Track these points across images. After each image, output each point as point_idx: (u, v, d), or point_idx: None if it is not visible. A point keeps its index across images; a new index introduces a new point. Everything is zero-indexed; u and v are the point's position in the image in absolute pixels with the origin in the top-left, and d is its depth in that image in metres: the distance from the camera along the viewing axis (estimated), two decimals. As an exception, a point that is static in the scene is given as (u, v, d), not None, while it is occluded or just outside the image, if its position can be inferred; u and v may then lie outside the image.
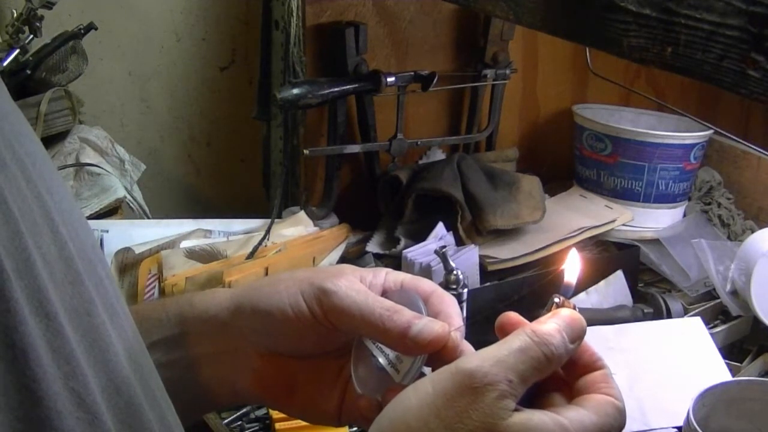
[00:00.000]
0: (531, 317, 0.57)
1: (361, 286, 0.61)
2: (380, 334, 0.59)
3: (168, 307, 0.66)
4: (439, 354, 0.58)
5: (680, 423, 0.96)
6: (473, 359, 0.52)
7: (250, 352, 0.64)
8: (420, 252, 1.22)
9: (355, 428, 0.97)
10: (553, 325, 0.55)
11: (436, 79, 1.34)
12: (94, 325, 0.43)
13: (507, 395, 0.50)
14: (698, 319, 1.19)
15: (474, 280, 1.23)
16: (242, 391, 0.64)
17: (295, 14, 1.33)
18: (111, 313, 0.45)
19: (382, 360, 0.60)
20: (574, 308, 0.57)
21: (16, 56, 1.29)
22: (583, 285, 1.29)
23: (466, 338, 1.09)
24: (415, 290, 0.62)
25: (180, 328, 0.64)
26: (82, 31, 1.31)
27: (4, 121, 0.43)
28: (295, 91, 1.25)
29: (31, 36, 1.30)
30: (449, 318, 0.60)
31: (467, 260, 1.23)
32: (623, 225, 1.41)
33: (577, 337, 0.55)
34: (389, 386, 0.58)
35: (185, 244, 1.23)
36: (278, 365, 0.64)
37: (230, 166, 1.60)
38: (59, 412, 0.38)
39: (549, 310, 0.57)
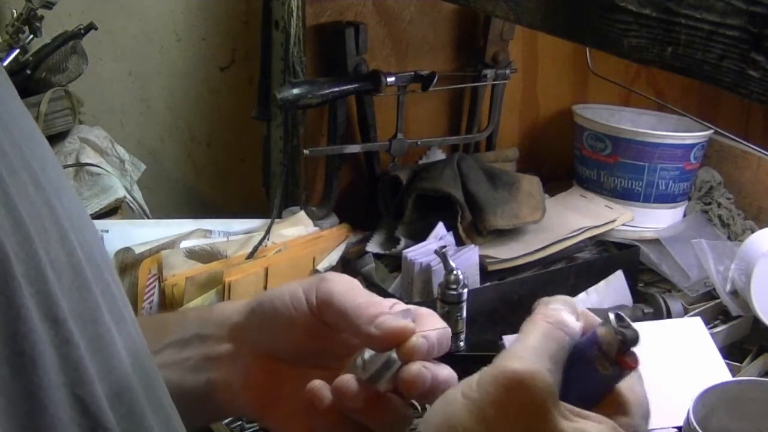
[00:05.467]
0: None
1: (357, 283, 0.62)
2: (354, 319, 0.59)
3: (188, 312, 0.67)
4: (399, 354, 0.57)
5: (680, 423, 0.96)
6: (512, 359, 0.49)
7: (247, 353, 0.64)
8: (420, 252, 1.22)
9: None
10: (557, 305, 0.53)
11: (436, 79, 1.34)
12: (99, 332, 0.43)
13: (552, 394, 0.48)
14: (698, 319, 1.19)
15: (474, 280, 1.23)
16: (233, 393, 0.64)
17: (295, 14, 1.33)
18: (117, 319, 0.45)
19: (358, 360, 0.59)
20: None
21: (16, 56, 1.29)
22: (583, 285, 1.29)
23: (467, 338, 1.09)
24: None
25: (195, 331, 0.65)
26: (82, 31, 1.31)
27: (14, 126, 0.43)
28: (295, 91, 1.25)
29: (31, 36, 1.30)
30: (425, 320, 0.59)
31: (467, 260, 1.23)
32: (623, 225, 1.41)
33: (567, 305, 0.54)
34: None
35: (185, 244, 1.23)
36: (270, 368, 0.64)
37: (230, 166, 1.60)
38: (61, 419, 0.38)
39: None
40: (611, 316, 0.50)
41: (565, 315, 0.52)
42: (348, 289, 0.60)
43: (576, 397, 0.49)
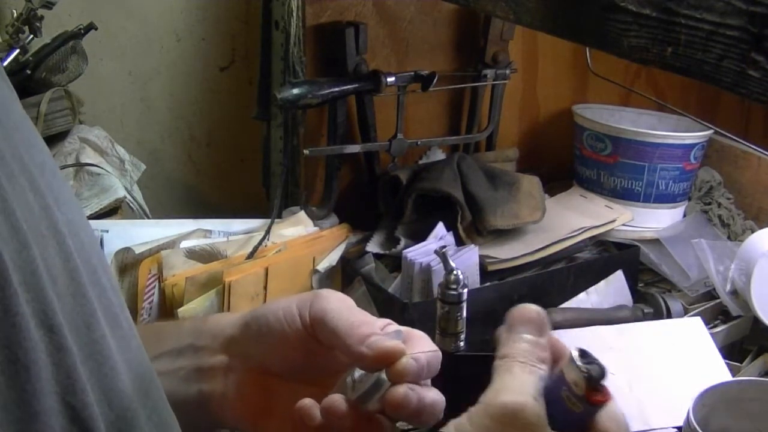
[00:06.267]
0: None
1: (351, 301, 0.62)
2: (345, 338, 0.59)
3: (184, 322, 0.67)
4: (389, 375, 0.57)
5: (680, 423, 0.96)
6: (498, 394, 0.51)
7: (239, 367, 0.64)
8: (420, 252, 1.22)
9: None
10: (510, 342, 0.54)
11: (436, 79, 1.34)
12: (93, 338, 0.43)
13: (543, 421, 0.50)
14: (698, 319, 1.19)
15: (474, 280, 1.23)
16: (226, 405, 0.64)
17: (295, 14, 1.33)
18: (113, 325, 0.45)
19: (348, 379, 0.59)
20: None
21: (16, 56, 1.29)
22: (583, 285, 1.29)
23: (466, 338, 1.08)
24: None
25: (189, 341, 0.65)
26: (82, 31, 1.31)
27: (15, 131, 0.43)
28: (295, 91, 1.25)
29: (31, 36, 1.30)
30: (416, 342, 0.60)
31: (467, 260, 1.23)
32: (623, 225, 1.41)
33: (533, 327, 0.54)
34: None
35: (185, 244, 1.23)
36: (263, 382, 0.64)
37: (230, 166, 1.60)
38: (52, 427, 0.38)
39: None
40: (575, 354, 0.50)
41: (532, 349, 0.53)
42: (341, 308, 0.61)
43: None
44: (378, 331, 0.59)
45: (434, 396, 0.58)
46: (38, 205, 0.42)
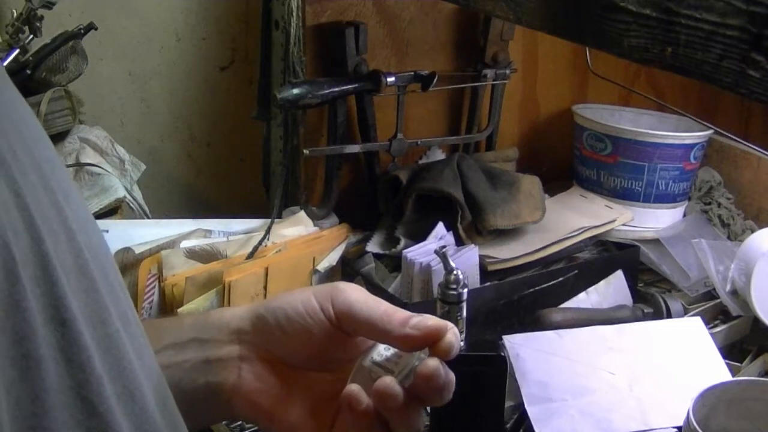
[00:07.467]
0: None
1: (366, 291, 0.64)
2: (384, 325, 0.60)
3: (185, 318, 0.68)
4: (435, 351, 0.59)
5: (680, 423, 0.96)
6: None
7: (254, 358, 0.64)
8: (420, 252, 1.22)
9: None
10: None
11: (436, 79, 1.34)
12: (108, 333, 0.43)
13: None
14: (698, 319, 1.19)
15: (474, 280, 1.23)
16: (240, 396, 0.64)
17: (295, 14, 1.33)
18: (124, 321, 0.45)
19: (365, 362, 0.61)
20: None
21: (16, 56, 1.29)
22: (583, 285, 1.29)
23: (466, 338, 1.09)
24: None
25: (193, 335, 0.65)
26: (82, 31, 1.31)
27: (24, 128, 0.43)
28: (295, 91, 1.25)
29: (31, 36, 1.30)
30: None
31: (467, 260, 1.23)
32: (623, 225, 1.41)
33: None
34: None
35: (185, 244, 1.23)
36: (279, 372, 0.64)
37: (230, 166, 1.60)
38: (66, 422, 0.38)
39: None
40: None
41: None
42: (364, 299, 0.63)
43: None
44: (411, 314, 0.61)
45: (452, 375, 0.60)
46: (49, 201, 0.42)
